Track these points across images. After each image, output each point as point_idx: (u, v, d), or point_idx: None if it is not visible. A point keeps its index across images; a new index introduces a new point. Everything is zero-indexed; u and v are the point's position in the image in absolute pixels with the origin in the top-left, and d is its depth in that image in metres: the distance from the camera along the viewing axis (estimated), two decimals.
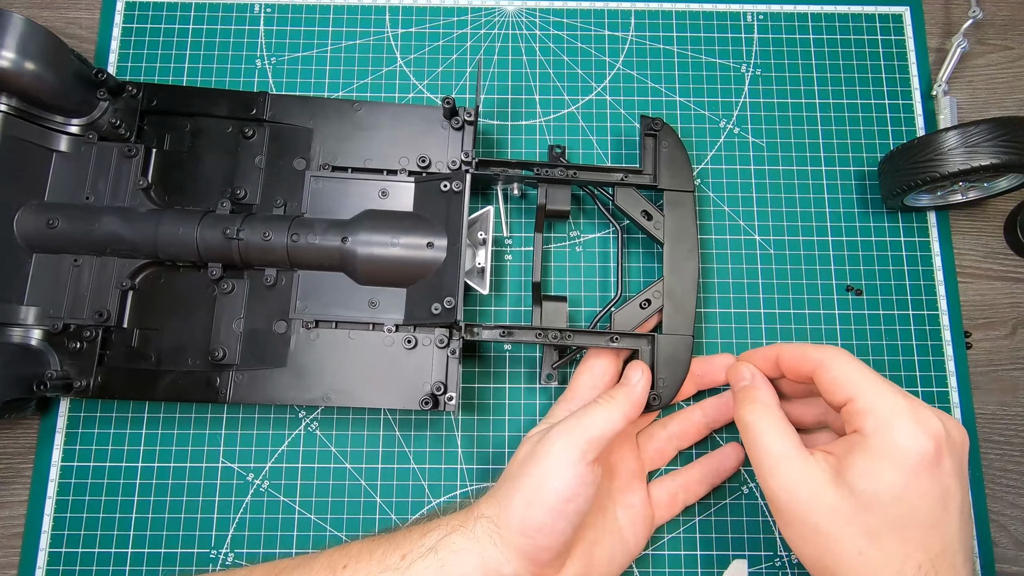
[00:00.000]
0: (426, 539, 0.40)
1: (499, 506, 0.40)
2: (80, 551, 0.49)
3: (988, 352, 0.54)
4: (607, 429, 0.41)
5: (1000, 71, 0.59)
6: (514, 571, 0.39)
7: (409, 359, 0.48)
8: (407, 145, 0.51)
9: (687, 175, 0.50)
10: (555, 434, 0.41)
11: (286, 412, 0.51)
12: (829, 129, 0.57)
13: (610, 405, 0.42)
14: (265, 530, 0.49)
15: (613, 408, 0.42)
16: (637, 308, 0.49)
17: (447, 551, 0.39)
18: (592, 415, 0.42)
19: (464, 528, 0.40)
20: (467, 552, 0.39)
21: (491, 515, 0.40)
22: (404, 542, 0.40)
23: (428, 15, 0.58)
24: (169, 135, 0.52)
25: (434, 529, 0.41)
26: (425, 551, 0.39)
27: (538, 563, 0.39)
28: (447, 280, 0.47)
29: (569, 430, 0.41)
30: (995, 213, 0.56)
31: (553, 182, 0.50)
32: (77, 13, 0.58)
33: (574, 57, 0.58)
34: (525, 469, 0.41)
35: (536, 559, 0.39)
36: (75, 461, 0.50)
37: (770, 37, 0.58)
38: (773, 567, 0.49)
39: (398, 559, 0.39)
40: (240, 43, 0.57)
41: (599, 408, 0.42)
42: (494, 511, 0.40)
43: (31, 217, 0.48)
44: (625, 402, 0.43)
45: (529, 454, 0.41)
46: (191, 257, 0.48)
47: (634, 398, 0.43)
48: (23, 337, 0.48)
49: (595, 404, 0.43)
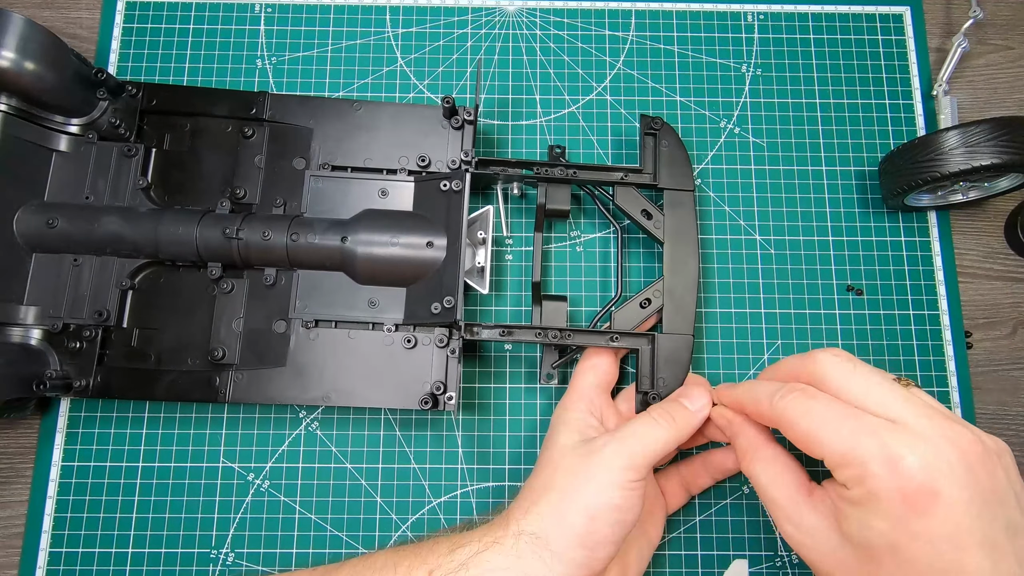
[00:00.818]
0: (456, 555, 0.38)
1: (549, 521, 0.39)
2: (80, 551, 0.49)
3: (988, 352, 0.54)
4: (661, 449, 0.41)
5: (1000, 71, 0.59)
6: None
7: (409, 359, 0.48)
8: (407, 145, 0.51)
9: (687, 174, 0.50)
10: (612, 451, 0.40)
11: (286, 412, 0.51)
12: (829, 129, 0.57)
13: (669, 427, 0.41)
14: (265, 530, 0.49)
15: (672, 432, 0.41)
16: (637, 307, 0.48)
17: (481, 568, 0.37)
18: (649, 432, 0.41)
19: (499, 545, 0.38)
20: (507, 570, 0.37)
21: (535, 531, 0.39)
22: (431, 556, 0.39)
23: (428, 15, 0.58)
24: (169, 135, 0.52)
25: (464, 544, 0.39)
26: (456, 567, 0.38)
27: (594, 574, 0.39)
28: (447, 279, 0.47)
29: (627, 447, 0.40)
30: (995, 213, 0.56)
31: (553, 181, 0.50)
32: (78, 13, 0.58)
33: (574, 57, 0.58)
34: (577, 482, 0.40)
35: (594, 571, 0.39)
36: (75, 461, 0.50)
37: (770, 37, 0.58)
38: (773, 567, 0.49)
39: (425, 574, 0.38)
40: (240, 43, 0.57)
41: (656, 428, 0.41)
42: (541, 526, 0.39)
43: (31, 217, 0.48)
44: (685, 426, 0.42)
45: (578, 467, 0.40)
46: (191, 257, 0.48)
47: (693, 423, 0.43)
48: (23, 337, 0.48)
49: (652, 421, 0.42)
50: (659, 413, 0.42)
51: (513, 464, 0.51)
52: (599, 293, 0.53)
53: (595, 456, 0.40)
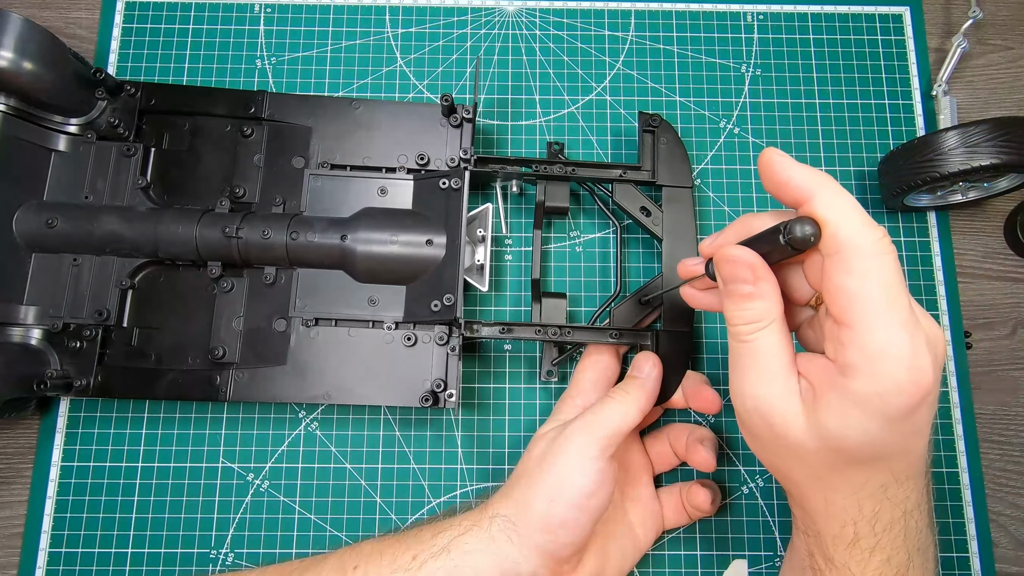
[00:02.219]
0: (438, 539, 0.40)
1: (517, 504, 0.40)
2: (80, 551, 0.49)
3: (988, 352, 0.54)
4: (624, 423, 0.41)
5: (1000, 71, 0.59)
6: (532, 570, 0.39)
7: (409, 356, 0.48)
8: (406, 143, 0.51)
9: (686, 171, 0.50)
10: (573, 431, 0.41)
11: (286, 412, 0.51)
12: (829, 129, 0.57)
13: (625, 399, 0.42)
14: (265, 530, 0.49)
15: (628, 402, 0.42)
16: (637, 304, 0.48)
17: (460, 551, 0.39)
18: (608, 410, 0.42)
19: (477, 528, 0.40)
20: (482, 552, 0.39)
21: (508, 514, 0.40)
22: (415, 543, 0.40)
23: (428, 15, 0.58)
24: (168, 134, 0.52)
25: (446, 529, 0.40)
26: (438, 551, 0.39)
27: (558, 560, 0.39)
28: (446, 277, 0.47)
29: (587, 426, 0.41)
30: (995, 213, 0.56)
31: (551, 179, 0.50)
32: (77, 13, 0.58)
33: (574, 57, 0.58)
34: (543, 467, 0.40)
35: (557, 556, 0.39)
36: (75, 461, 0.50)
37: (770, 37, 0.58)
38: (773, 567, 0.49)
39: (409, 559, 0.39)
40: (240, 43, 0.57)
41: (614, 403, 0.42)
42: (511, 510, 0.40)
43: (30, 217, 0.48)
44: (640, 394, 0.43)
45: (546, 451, 0.41)
46: (190, 256, 0.48)
47: (647, 390, 0.43)
48: (23, 336, 0.48)
49: (609, 399, 0.43)
50: (613, 391, 0.43)
51: (513, 464, 0.50)
52: (599, 293, 0.53)
53: (560, 440, 0.41)
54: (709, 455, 0.45)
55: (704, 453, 0.45)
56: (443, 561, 0.39)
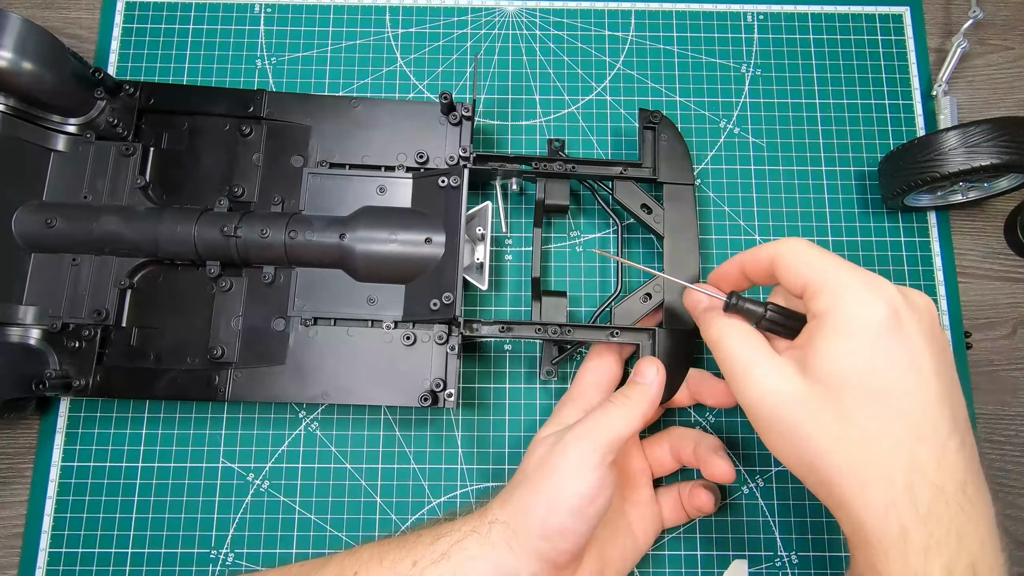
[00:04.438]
0: (438, 544, 0.39)
1: (515, 510, 0.40)
2: (80, 551, 0.49)
3: (988, 352, 0.54)
4: (625, 430, 0.40)
5: (1000, 71, 0.59)
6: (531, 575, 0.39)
7: (408, 356, 0.48)
8: (405, 141, 0.51)
9: (687, 168, 0.50)
10: (573, 436, 0.40)
11: (286, 412, 0.51)
12: (829, 129, 0.57)
13: (627, 405, 0.41)
14: (265, 530, 0.49)
15: (630, 408, 0.41)
16: (638, 302, 0.48)
17: (460, 557, 0.39)
18: (609, 416, 0.41)
19: (477, 533, 0.39)
20: (481, 558, 0.38)
21: (506, 520, 0.40)
22: (415, 547, 0.40)
23: (428, 15, 0.58)
24: (167, 133, 0.52)
25: (446, 534, 0.40)
26: (437, 556, 0.39)
27: (557, 566, 0.39)
28: (446, 276, 0.47)
29: (587, 432, 0.40)
30: (995, 213, 0.56)
31: (551, 176, 0.50)
32: (77, 13, 0.58)
33: (574, 57, 0.58)
34: (542, 472, 0.40)
35: (555, 562, 0.39)
36: (75, 461, 0.50)
37: (770, 37, 0.58)
38: (773, 567, 0.49)
39: (409, 565, 0.39)
40: (240, 43, 0.57)
41: (616, 408, 0.41)
42: (509, 515, 0.40)
43: (29, 217, 0.48)
44: (642, 401, 0.41)
45: (545, 457, 0.41)
46: (189, 255, 0.48)
47: (650, 396, 0.42)
48: (22, 336, 0.48)
49: (611, 404, 0.41)
50: (615, 396, 0.42)
51: (512, 464, 0.50)
52: (599, 293, 0.53)
53: (560, 446, 0.40)
54: (727, 465, 0.44)
55: (722, 464, 0.44)
56: (443, 567, 0.38)
